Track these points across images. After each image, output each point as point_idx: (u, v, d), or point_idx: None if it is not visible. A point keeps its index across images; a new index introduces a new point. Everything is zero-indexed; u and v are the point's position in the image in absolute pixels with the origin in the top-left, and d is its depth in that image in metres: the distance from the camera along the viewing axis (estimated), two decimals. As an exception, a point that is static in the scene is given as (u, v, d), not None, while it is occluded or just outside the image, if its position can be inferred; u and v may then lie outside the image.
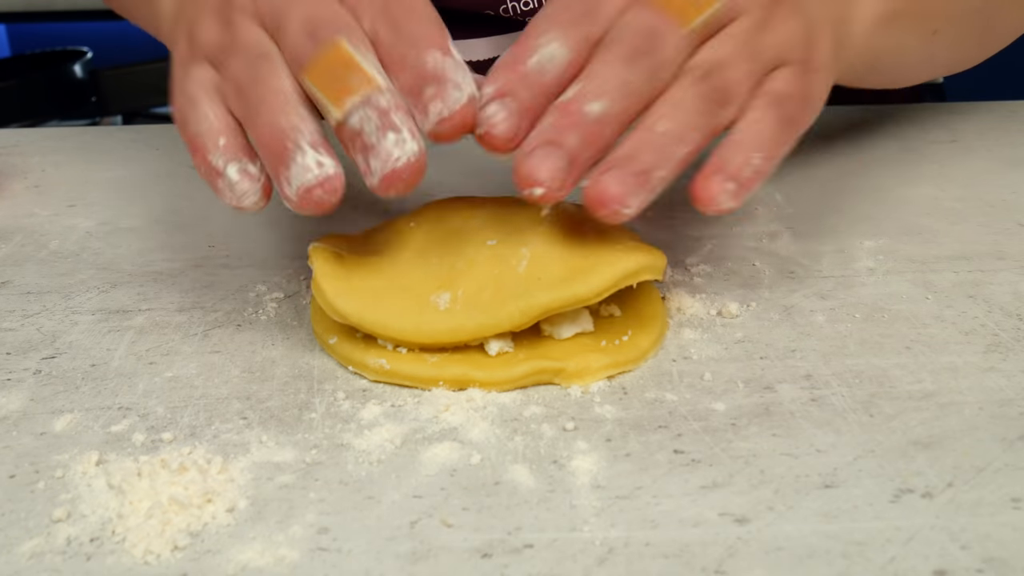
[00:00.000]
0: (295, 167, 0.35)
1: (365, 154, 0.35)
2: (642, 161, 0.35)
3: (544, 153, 0.35)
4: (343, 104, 0.35)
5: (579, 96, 0.36)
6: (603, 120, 0.36)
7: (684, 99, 0.37)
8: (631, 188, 0.35)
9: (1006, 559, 0.28)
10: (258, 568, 0.28)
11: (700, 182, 0.36)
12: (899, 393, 0.36)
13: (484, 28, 0.66)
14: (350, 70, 0.35)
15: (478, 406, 0.36)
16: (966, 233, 0.49)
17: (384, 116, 0.35)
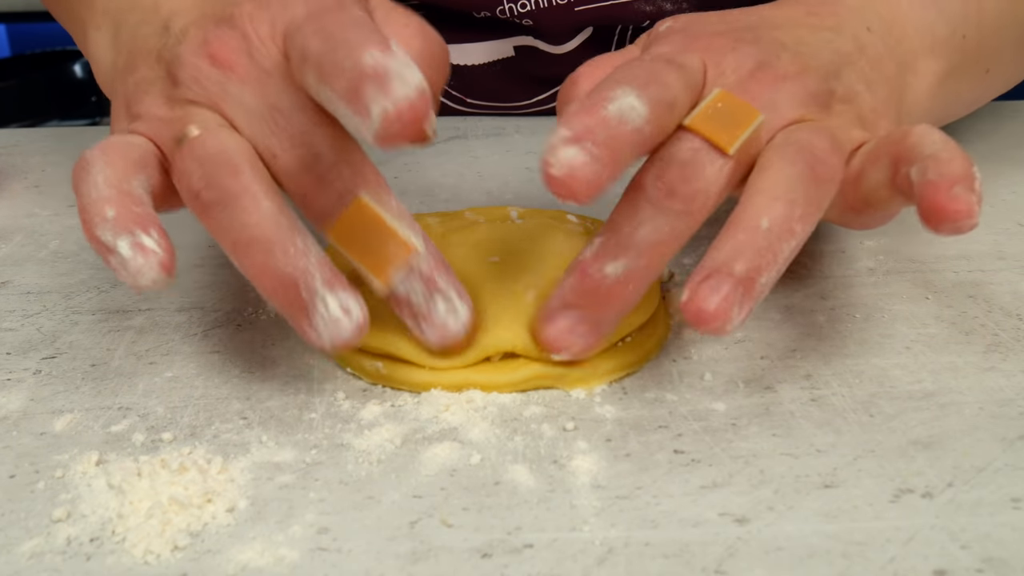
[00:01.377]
0: (320, 320, 0.33)
1: (416, 320, 0.36)
2: (745, 267, 0.32)
3: (562, 316, 0.35)
4: (387, 277, 0.34)
5: (597, 254, 0.35)
6: (620, 281, 0.34)
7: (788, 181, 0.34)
8: (732, 299, 0.32)
9: (1006, 559, 0.28)
10: (258, 568, 0.28)
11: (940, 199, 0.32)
12: (899, 393, 0.36)
13: (480, 32, 0.66)
14: (383, 235, 0.34)
15: (478, 406, 0.36)
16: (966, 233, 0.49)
17: (429, 283, 0.35)
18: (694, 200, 0.34)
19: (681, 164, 0.34)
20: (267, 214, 0.33)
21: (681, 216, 0.34)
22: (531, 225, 0.40)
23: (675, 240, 0.34)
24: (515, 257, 0.39)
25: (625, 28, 0.65)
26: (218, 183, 0.34)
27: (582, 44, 0.65)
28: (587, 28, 0.65)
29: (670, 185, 0.34)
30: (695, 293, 0.32)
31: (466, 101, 0.70)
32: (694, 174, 0.34)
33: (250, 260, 0.33)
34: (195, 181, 0.34)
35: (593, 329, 0.35)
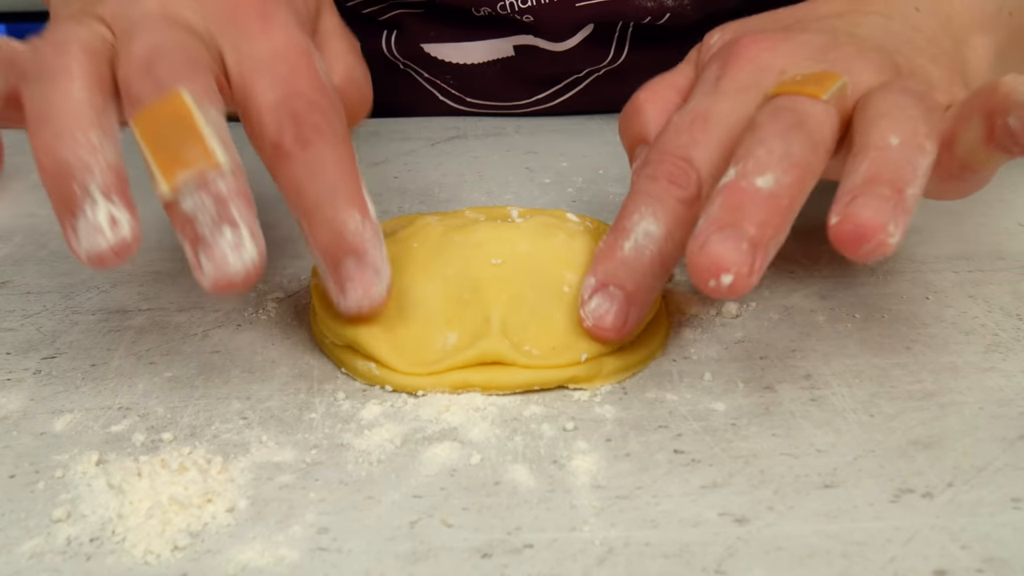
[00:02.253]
0: (83, 223, 0.31)
1: (195, 246, 0.31)
2: (888, 179, 0.31)
3: (721, 237, 0.31)
4: (174, 179, 0.30)
5: (742, 173, 0.32)
6: (777, 192, 0.32)
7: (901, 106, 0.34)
8: (886, 213, 0.30)
9: (1006, 559, 0.28)
10: (258, 568, 0.28)
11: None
12: (899, 393, 0.36)
13: (480, 30, 0.66)
14: (188, 135, 0.30)
15: (478, 406, 0.36)
16: (966, 233, 0.49)
17: (222, 206, 0.31)
18: (815, 130, 0.33)
19: (790, 108, 0.34)
20: (74, 97, 0.31)
21: (809, 147, 0.33)
22: (532, 224, 0.40)
23: (809, 169, 0.33)
24: (517, 258, 0.39)
25: (626, 25, 0.65)
26: (43, 58, 0.32)
27: (582, 42, 0.65)
28: (588, 25, 0.65)
29: (787, 122, 0.33)
30: (846, 213, 0.31)
31: (465, 100, 0.70)
32: (805, 113, 0.33)
33: (39, 137, 0.31)
34: (27, 57, 0.33)
35: (754, 248, 0.31)
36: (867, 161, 0.32)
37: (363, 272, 0.34)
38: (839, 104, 0.35)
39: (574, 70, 0.68)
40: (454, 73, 0.69)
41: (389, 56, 0.69)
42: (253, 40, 0.35)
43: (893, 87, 0.35)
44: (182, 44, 0.33)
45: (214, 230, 0.31)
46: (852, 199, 0.31)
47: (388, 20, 0.68)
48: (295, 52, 0.35)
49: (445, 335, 0.37)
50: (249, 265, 0.32)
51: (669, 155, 0.36)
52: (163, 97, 0.31)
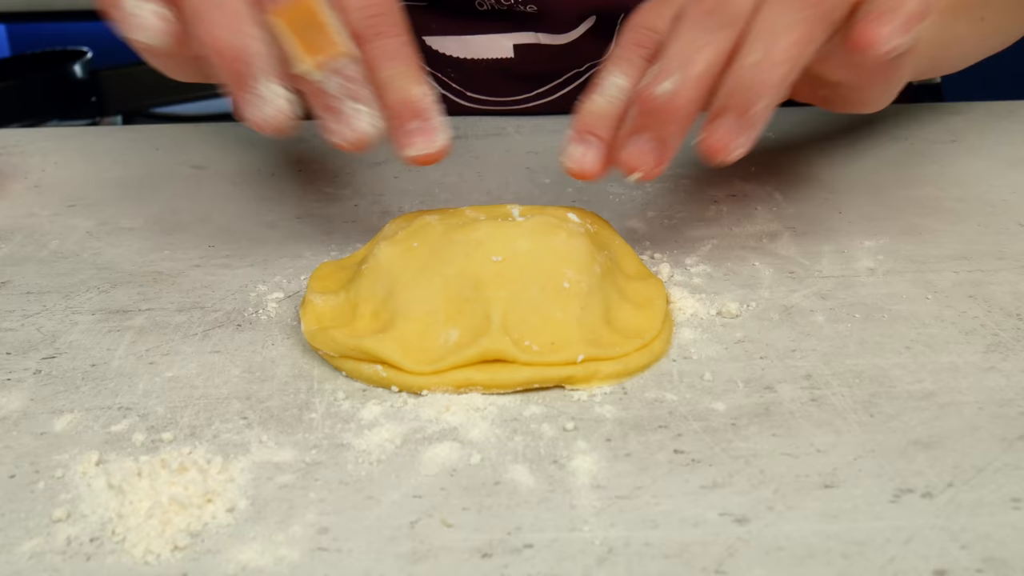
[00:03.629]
0: (255, 97, 0.38)
1: (328, 114, 0.39)
2: (737, 102, 0.38)
3: (633, 141, 0.40)
4: (313, 59, 0.38)
5: (653, 78, 0.39)
6: (675, 94, 0.38)
7: (775, 9, 0.38)
8: (732, 133, 0.38)
9: (1006, 559, 0.28)
10: (258, 568, 0.28)
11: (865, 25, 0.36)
12: (899, 393, 0.36)
13: (482, 23, 0.66)
14: (320, 30, 0.38)
15: (478, 406, 0.36)
16: (966, 233, 0.49)
17: (350, 84, 0.39)
18: (732, 15, 0.38)
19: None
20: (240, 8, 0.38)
21: (721, 29, 0.38)
22: (533, 223, 0.40)
23: (718, 53, 0.38)
24: (517, 256, 0.39)
25: (628, 15, 0.65)
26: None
27: (584, 34, 0.65)
28: (590, 17, 0.65)
29: (708, 6, 0.38)
30: (704, 134, 0.38)
31: (466, 95, 0.70)
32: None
33: (208, 29, 0.37)
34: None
35: (660, 146, 0.39)
36: (727, 83, 0.38)
37: (426, 129, 0.40)
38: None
39: (576, 64, 0.68)
40: (455, 67, 0.69)
41: None
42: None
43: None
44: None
45: (345, 102, 0.39)
46: (710, 121, 0.39)
47: None
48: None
49: (446, 332, 0.37)
50: (375, 127, 0.39)
51: (637, 26, 0.42)
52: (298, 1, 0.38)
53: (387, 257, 0.40)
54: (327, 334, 0.38)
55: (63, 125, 1.58)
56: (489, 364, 0.36)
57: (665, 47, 0.39)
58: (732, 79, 0.38)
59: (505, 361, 0.36)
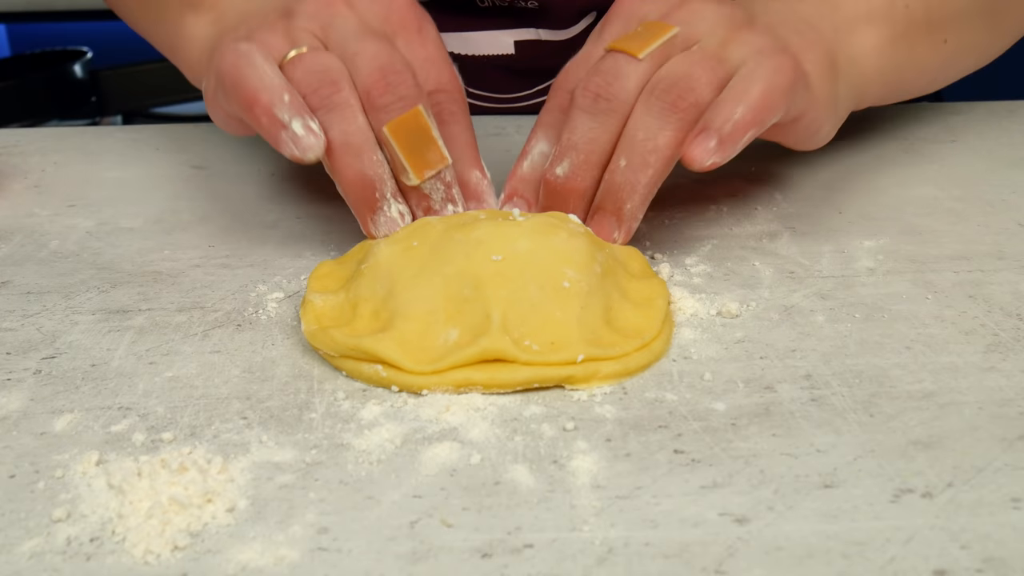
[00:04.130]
0: (382, 218, 0.43)
1: (427, 214, 0.44)
2: (611, 202, 0.43)
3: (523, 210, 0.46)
4: (422, 175, 0.43)
5: (550, 164, 0.45)
6: (569, 177, 0.44)
7: (644, 117, 0.42)
8: (610, 228, 0.44)
9: (1006, 559, 0.28)
10: (258, 568, 0.28)
11: (686, 144, 0.42)
12: (899, 393, 0.36)
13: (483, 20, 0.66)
14: (428, 143, 0.43)
15: (478, 406, 0.36)
16: (966, 233, 0.49)
17: (448, 190, 0.44)
18: (617, 99, 0.43)
19: (602, 73, 0.44)
20: (361, 127, 0.43)
21: (606, 114, 0.43)
22: (533, 223, 0.40)
23: (606, 134, 0.43)
24: (518, 255, 0.39)
25: None
26: (324, 93, 0.42)
27: (585, 30, 0.65)
28: (591, 12, 0.65)
29: (595, 91, 0.43)
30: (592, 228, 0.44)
31: (468, 91, 0.70)
32: (614, 78, 0.43)
33: (342, 161, 0.42)
34: (306, 89, 0.43)
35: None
36: (603, 184, 0.44)
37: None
38: (660, 55, 0.44)
39: None
40: (457, 64, 0.69)
41: None
42: (413, 47, 0.47)
43: (658, 87, 0.43)
44: (396, 58, 0.44)
45: (442, 204, 0.44)
46: (591, 216, 0.45)
47: None
48: (442, 59, 0.48)
49: (446, 331, 0.37)
50: None
51: (560, 89, 0.47)
52: (408, 112, 0.43)
53: (387, 256, 0.40)
54: (327, 334, 0.38)
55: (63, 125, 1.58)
56: (489, 364, 0.36)
57: (563, 129, 0.44)
58: (606, 181, 0.43)
59: (505, 361, 0.36)
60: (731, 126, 0.41)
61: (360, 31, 0.45)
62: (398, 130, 0.42)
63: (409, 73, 0.43)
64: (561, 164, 0.44)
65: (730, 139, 0.41)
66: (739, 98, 0.42)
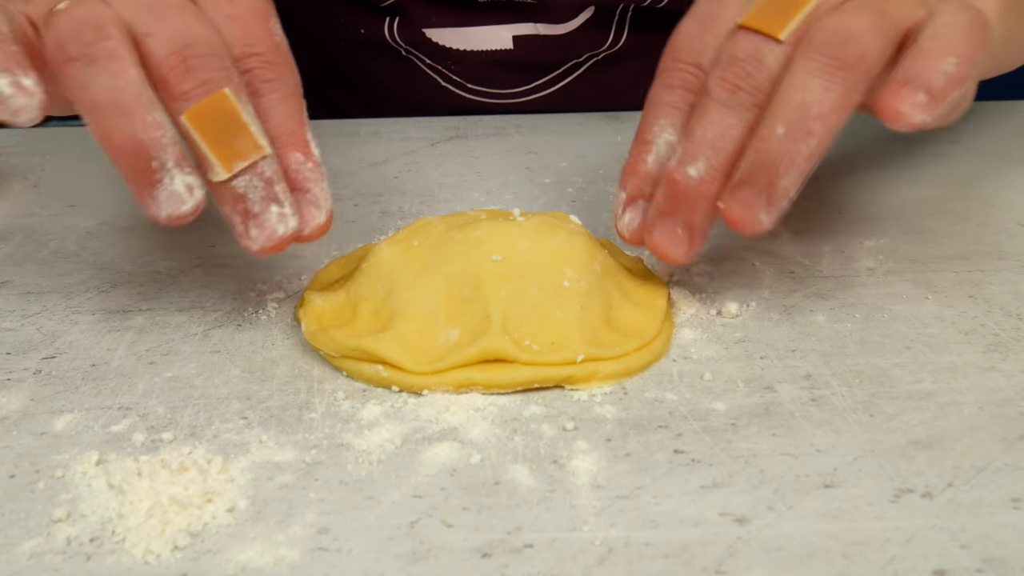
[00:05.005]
0: (163, 193, 0.35)
1: (245, 219, 0.37)
2: (763, 175, 0.36)
3: (661, 225, 0.38)
4: (231, 167, 0.36)
5: (680, 161, 0.37)
6: (704, 179, 0.37)
7: (803, 77, 0.36)
8: (756, 207, 0.36)
9: (1006, 559, 0.28)
10: (258, 568, 0.28)
11: (886, 97, 0.35)
12: (899, 393, 0.36)
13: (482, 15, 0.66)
14: (237, 130, 0.36)
15: (478, 406, 0.36)
16: (966, 233, 0.49)
17: (269, 187, 0.36)
18: (760, 91, 0.37)
19: (741, 61, 0.37)
20: (132, 80, 0.34)
21: (747, 108, 0.37)
22: (533, 223, 0.40)
23: (745, 132, 0.37)
24: (518, 255, 0.39)
25: (626, 7, 0.65)
26: (86, 40, 0.34)
27: (582, 25, 0.65)
28: (589, 7, 0.65)
29: (734, 82, 0.37)
30: (727, 204, 0.37)
31: (466, 86, 0.70)
32: (755, 67, 0.37)
33: (107, 122, 0.34)
34: (64, 36, 0.35)
35: (689, 232, 0.38)
36: (751, 152, 0.36)
37: (304, 206, 0.38)
38: (801, 31, 0.37)
39: (574, 55, 0.68)
40: (455, 59, 0.69)
41: (391, 42, 0.69)
42: (219, 4, 0.38)
43: (822, 33, 0.36)
44: (200, 35, 0.36)
45: (263, 206, 0.37)
46: (733, 191, 0.37)
47: (391, 6, 0.68)
48: (252, 15, 0.39)
49: (446, 331, 0.37)
50: (290, 232, 0.37)
51: (682, 62, 0.39)
52: (211, 97, 0.35)
53: (387, 256, 0.40)
54: (327, 334, 0.38)
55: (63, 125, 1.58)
56: (489, 364, 0.36)
57: (693, 120, 0.38)
58: (757, 150, 0.36)
59: (505, 361, 0.36)
60: (943, 79, 0.35)
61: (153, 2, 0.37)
62: (200, 118, 0.35)
63: (217, 51, 0.36)
64: (695, 163, 0.37)
65: (942, 95, 0.35)
66: (948, 48, 0.35)
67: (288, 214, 0.37)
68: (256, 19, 0.39)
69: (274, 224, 0.37)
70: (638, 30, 0.66)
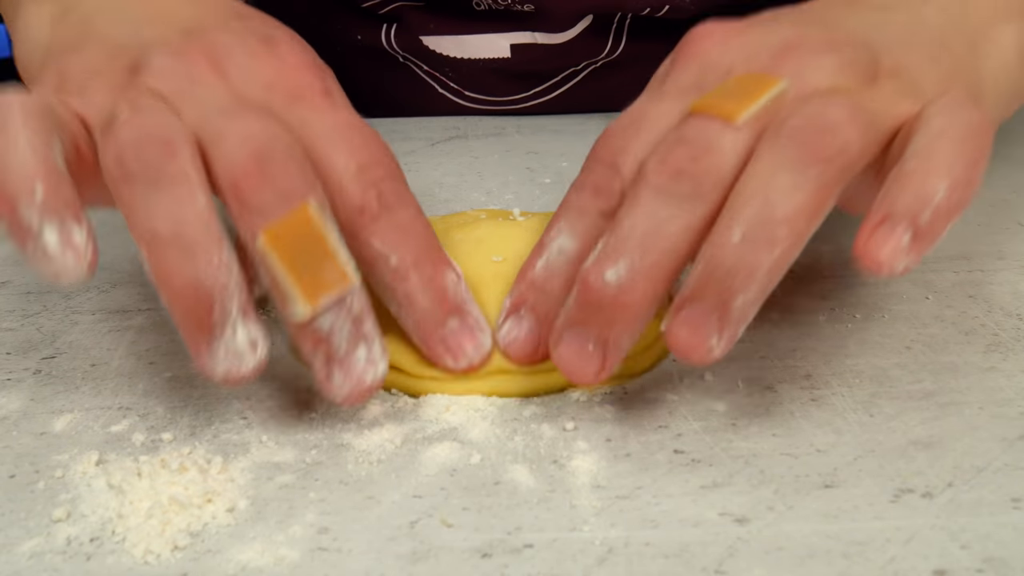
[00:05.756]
0: (223, 349, 0.30)
1: (328, 362, 0.32)
2: (714, 292, 0.30)
3: (569, 338, 0.32)
4: (317, 301, 0.30)
5: (597, 261, 0.31)
6: (624, 287, 0.30)
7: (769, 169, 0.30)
8: (706, 331, 0.30)
9: (1006, 559, 0.28)
10: (258, 568, 0.28)
11: (862, 239, 0.30)
12: (899, 393, 0.36)
13: (479, 23, 0.66)
14: (322, 256, 0.30)
15: (478, 406, 0.36)
16: (966, 233, 0.49)
17: (357, 326, 0.31)
18: (706, 178, 0.30)
19: (687, 142, 0.31)
20: (200, 211, 0.30)
21: (691, 200, 0.30)
22: (534, 223, 0.40)
23: (686, 231, 0.30)
24: (519, 256, 0.39)
25: (624, 16, 0.65)
26: (150, 158, 0.30)
27: (580, 34, 0.65)
28: (587, 16, 0.65)
29: (676, 166, 0.31)
30: (670, 325, 0.30)
31: (464, 94, 0.70)
32: (703, 150, 0.31)
33: (167, 257, 0.30)
34: (125, 151, 0.30)
35: (603, 350, 0.32)
36: (701, 261, 0.30)
37: (467, 329, 0.35)
38: (762, 120, 0.31)
39: (572, 63, 0.68)
40: (452, 67, 0.69)
41: (388, 49, 0.69)
42: (323, 115, 0.34)
43: (795, 119, 0.30)
44: (280, 139, 0.31)
45: (349, 348, 0.31)
46: (678, 310, 0.30)
47: (388, 13, 0.68)
48: (362, 126, 0.35)
49: None
50: (379, 378, 0.33)
51: (598, 162, 0.35)
52: (293, 213, 0.30)
53: None
54: None
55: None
56: (491, 374, 0.36)
57: (620, 212, 0.31)
58: (710, 259, 0.30)
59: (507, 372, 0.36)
60: (931, 213, 0.29)
61: (230, 103, 0.32)
62: (279, 239, 0.30)
63: (297, 158, 0.31)
64: (614, 266, 0.30)
65: (930, 234, 0.29)
66: (939, 169, 0.29)
67: (377, 358, 0.32)
68: (366, 127, 0.35)
69: (361, 368, 0.32)
70: (636, 38, 0.66)
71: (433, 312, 0.34)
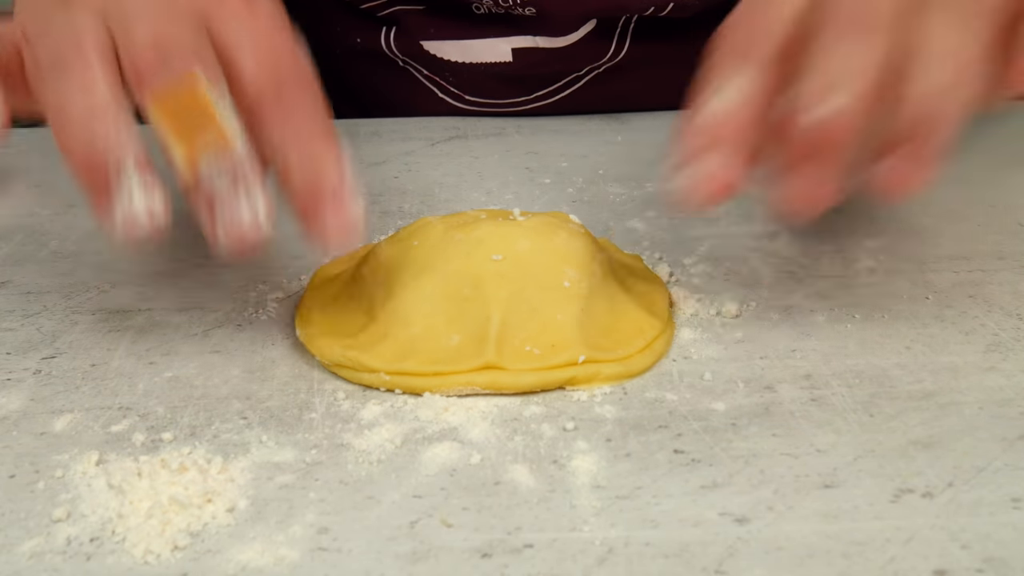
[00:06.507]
0: (119, 208, 0.33)
1: (212, 216, 0.34)
2: (917, 133, 0.32)
3: (796, 174, 0.33)
4: (196, 157, 0.33)
5: (805, 100, 0.32)
6: (843, 116, 0.31)
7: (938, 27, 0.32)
8: (913, 168, 0.33)
9: (1006, 559, 0.28)
10: (258, 568, 0.28)
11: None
12: (899, 393, 0.36)
13: (480, 28, 0.66)
14: (207, 121, 0.33)
15: (478, 406, 0.36)
16: (966, 233, 0.49)
17: (240, 184, 0.33)
18: (878, 17, 0.32)
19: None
20: (102, 91, 0.33)
21: (875, 34, 0.32)
22: (534, 223, 0.40)
23: (881, 66, 0.32)
24: (519, 256, 0.39)
25: (628, 19, 0.65)
26: (59, 52, 0.34)
27: (583, 37, 0.65)
28: (590, 20, 0.64)
29: (849, 14, 0.32)
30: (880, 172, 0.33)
31: (464, 98, 0.70)
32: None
33: (68, 131, 0.33)
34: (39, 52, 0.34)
35: (819, 186, 0.33)
36: (901, 109, 0.32)
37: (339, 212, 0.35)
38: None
39: (574, 68, 0.68)
40: (453, 72, 0.69)
41: (388, 53, 0.69)
42: (241, 21, 0.36)
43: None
44: (185, 37, 0.34)
45: (232, 204, 0.33)
46: (883, 154, 0.33)
47: (387, 16, 0.68)
48: (279, 35, 0.36)
49: (447, 335, 0.37)
50: (260, 233, 0.34)
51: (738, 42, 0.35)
52: (179, 80, 0.33)
53: (387, 256, 0.40)
54: (321, 343, 0.38)
55: (63, 125, 1.58)
56: (491, 370, 0.36)
57: (805, 64, 0.32)
58: (906, 108, 0.32)
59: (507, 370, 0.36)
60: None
61: (150, 10, 0.35)
62: (165, 104, 0.33)
63: (200, 55, 0.34)
64: (825, 102, 0.31)
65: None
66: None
67: (259, 211, 0.34)
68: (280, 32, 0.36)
69: (244, 222, 0.34)
70: (640, 41, 0.66)
71: (309, 190, 0.34)
